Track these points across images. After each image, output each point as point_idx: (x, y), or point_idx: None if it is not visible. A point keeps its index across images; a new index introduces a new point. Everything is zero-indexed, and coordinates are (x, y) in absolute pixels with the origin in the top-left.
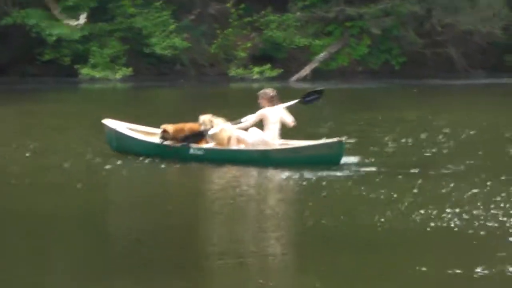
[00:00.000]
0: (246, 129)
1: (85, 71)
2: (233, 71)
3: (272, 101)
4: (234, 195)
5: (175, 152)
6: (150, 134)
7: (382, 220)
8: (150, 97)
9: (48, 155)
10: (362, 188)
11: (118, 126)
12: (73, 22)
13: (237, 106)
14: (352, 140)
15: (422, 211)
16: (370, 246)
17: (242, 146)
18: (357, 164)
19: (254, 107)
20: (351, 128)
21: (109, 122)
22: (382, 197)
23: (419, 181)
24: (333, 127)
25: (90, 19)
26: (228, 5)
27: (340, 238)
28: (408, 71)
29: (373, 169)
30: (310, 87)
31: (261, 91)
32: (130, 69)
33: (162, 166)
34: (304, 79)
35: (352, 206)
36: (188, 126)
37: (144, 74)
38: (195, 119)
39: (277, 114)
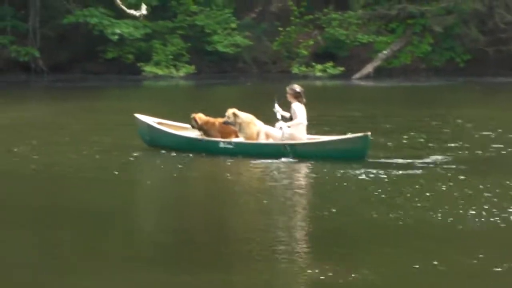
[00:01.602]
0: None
1: (148, 68)
2: (296, 69)
3: (298, 97)
4: (264, 188)
5: (205, 146)
6: (179, 129)
7: (435, 215)
8: (211, 94)
9: (104, 150)
10: (424, 182)
11: (150, 121)
12: (135, 12)
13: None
14: (416, 135)
15: (475, 207)
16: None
17: (270, 141)
18: (425, 159)
19: (315, 104)
20: (416, 124)
21: (141, 117)
22: (434, 192)
23: (481, 178)
24: (400, 124)
25: (153, 16)
26: (289, 3)
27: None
28: (471, 69)
29: (438, 163)
30: (372, 85)
31: (293, 87)
32: (193, 66)
33: (194, 159)
34: (366, 77)
35: (416, 200)
36: (218, 120)
37: (207, 72)
38: (256, 116)
39: (305, 110)
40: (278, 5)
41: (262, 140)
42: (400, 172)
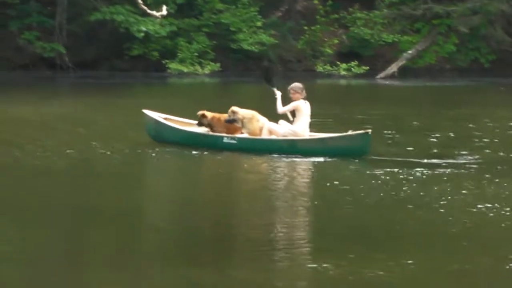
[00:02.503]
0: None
1: (173, 66)
2: (320, 67)
3: (303, 94)
4: (267, 184)
5: (210, 141)
6: (185, 124)
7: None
8: (236, 92)
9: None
10: (450, 182)
11: (156, 116)
12: (156, 13)
13: (323, 102)
14: (441, 135)
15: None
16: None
17: (273, 137)
18: (451, 159)
19: (340, 102)
20: (441, 124)
21: (149, 112)
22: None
23: (509, 178)
24: (425, 123)
25: (178, 14)
26: (315, 1)
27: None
28: (496, 70)
29: (465, 163)
30: (397, 85)
31: (294, 85)
32: (218, 64)
33: (200, 154)
34: (391, 76)
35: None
36: (224, 116)
37: (232, 70)
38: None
39: (309, 107)
40: (304, 4)
41: (265, 135)
42: (425, 171)
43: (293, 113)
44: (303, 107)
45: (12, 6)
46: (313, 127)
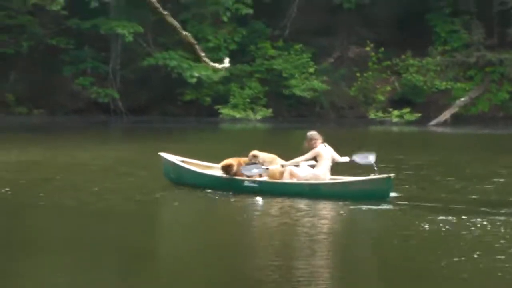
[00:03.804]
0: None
1: (225, 111)
2: (373, 114)
3: (321, 140)
4: (288, 227)
5: (231, 185)
6: (202, 167)
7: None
8: (288, 138)
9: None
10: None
11: (175, 159)
12: (218, 65)
13: (375, 148)
14: (496, 182)
15: None
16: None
17: (294, 180)
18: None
19: (392, 150)
20: (497, 171)
21: (167, 155)
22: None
23: None
24: (480, 170)
25: (231, 60)
26: (367, 48)
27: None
28: None
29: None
30: (449, 132)
31: (312, 133)
32: (270, 110)
33: (222, 198)
34: (443, 123)
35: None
36: (244, 160)
37: (284, 116)
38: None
39: (329, 152)
40: (356, 51)
41: (286, 179)
42: (482, 219)
43: (314, 158)
44: (323, 152)
45: (66, 52)
46: (348, 172)
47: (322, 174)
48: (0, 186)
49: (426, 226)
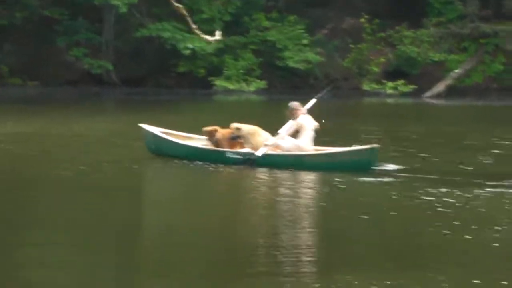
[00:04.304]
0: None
1: (219, 83)
2: (366, 86)
3: (302, 110)
4: (275, 198)
5: (213, 156)
6: (184, 138)
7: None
8: (280, 109)
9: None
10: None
11: (155, 130)
12: (209, 37)
13: (369, 119)
14: (493, 153)
15: None
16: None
17: (278, 151)
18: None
19: (388, 121)
20: (493, 142)
21: (147, 127)
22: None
23: None
24: (476, 141)
25: (225, 32)
26: (362, 20)
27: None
28: None
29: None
30: (444, 105)
31: (293, 104)
32: (264, 82)
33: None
34: (437, 95)
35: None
36: (226, 131)
37: (277, 87)
38: (325, 133)
39: (312, 122)
40: (350, 22)
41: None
42: (479, 191)
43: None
44: (305, 123)
45: (60, 23)
46: (352, 142)
47: (305, 145)
48: (5, 158)
49: (424, 198)
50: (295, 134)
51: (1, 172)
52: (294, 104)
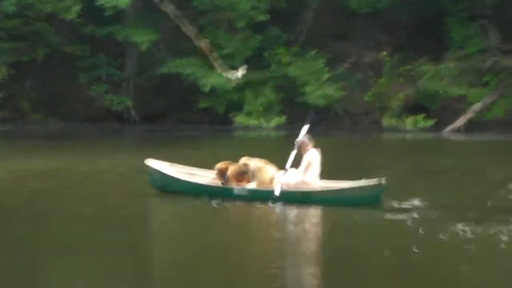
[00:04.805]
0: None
1: (239, 119)
2: (387, 120)
3: (312, 144)
4: (279, 233)
5: (220, 192)
6: (191, 175)
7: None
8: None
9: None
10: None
11: (162, 167)
12: (231, 75)
13: (389, 156)
14: None
15: None
16: None
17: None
18: None
19: (407, 157)
20: None
21: (153, 163)
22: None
23: None
24: (502, 176)
25: (246, 67)
26: (383, 54)
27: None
28: None
29: None
30: (465, 139)
31: (304, 139)
32: (284, 117)
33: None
34: (458, 130)
35: None
36: (233, 167)
37: (298, 123)
38: (345, 168)
39: (319, 156)
40: (372, 56)
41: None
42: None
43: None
44: (314, 158)
45: (82, 59)
46: (368, 176)
47: (311, 180)
48: (24, 194)
49: (444, 233)
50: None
51: (22, 208)
52: (305, 138)
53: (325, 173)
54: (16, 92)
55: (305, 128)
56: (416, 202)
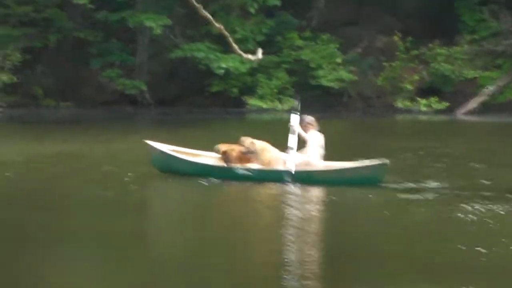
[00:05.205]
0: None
1: (252, 101)
2: (400, 103)
3: (316, 127)
4: (284, 213)
5: (224, 173)
6: (193, 155)
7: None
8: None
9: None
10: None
11: (164, 148)
12: (252, 56)
13: (403, 138)
14: None
15: None
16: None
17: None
18: None
19: (420, 139)
20: None
21: (154, 144)
22: None
23: None
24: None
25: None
26: (395, 38)
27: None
28: None
29: None
30: (478, 121)
31: (308, 118)
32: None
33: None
34: (471, 112)
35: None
36: (237, 148)
37: (311, 106)
38: (361, 149)
39: (322, 138)
40: (384, 40)
41: (279, 166)
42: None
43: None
44: (317, 138)
45: (94, 45)
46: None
47: (314, 160)
48: (40, 177)
49: (458, 215)
50: (301, 146)
51: (38, 190)
52: (309, 118)
53: (338, 155)
54: (29, 77)
55: (295, 117)
56: (430, 183)
